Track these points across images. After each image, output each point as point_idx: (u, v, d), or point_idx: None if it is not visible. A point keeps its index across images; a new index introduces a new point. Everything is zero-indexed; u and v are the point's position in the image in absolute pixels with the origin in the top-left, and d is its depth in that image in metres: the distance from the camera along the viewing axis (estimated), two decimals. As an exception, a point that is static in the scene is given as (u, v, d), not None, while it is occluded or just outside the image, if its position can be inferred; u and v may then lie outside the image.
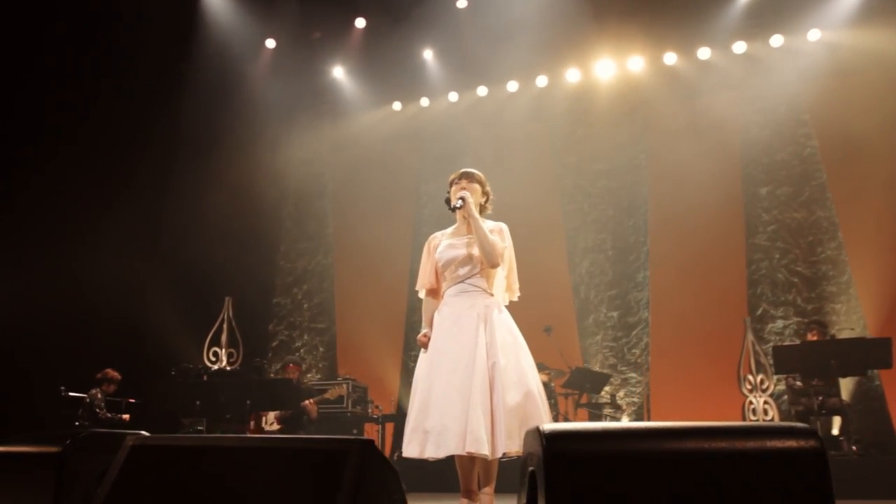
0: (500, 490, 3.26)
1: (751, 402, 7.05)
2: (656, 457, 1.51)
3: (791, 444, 1.50)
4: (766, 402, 7.05)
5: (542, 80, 9.29)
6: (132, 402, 7.33)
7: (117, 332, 8.01)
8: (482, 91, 9.58)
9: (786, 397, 7.60)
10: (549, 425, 1.63)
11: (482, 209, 3.41)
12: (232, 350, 8.12)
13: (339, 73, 9.76)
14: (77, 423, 6.81)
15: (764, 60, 8.49)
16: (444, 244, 3.39)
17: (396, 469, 1.64)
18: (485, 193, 3.45)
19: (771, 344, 7.81)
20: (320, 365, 9.64)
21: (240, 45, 8.94)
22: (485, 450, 2.93)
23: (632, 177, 8.98)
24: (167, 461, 1.83)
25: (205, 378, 6.88)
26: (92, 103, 8.51)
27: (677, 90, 8.78)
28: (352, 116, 9.95)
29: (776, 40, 8.33)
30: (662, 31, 8.62)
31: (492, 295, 3.31)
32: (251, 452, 1.72)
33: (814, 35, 8.13)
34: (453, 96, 9.65)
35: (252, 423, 6.25)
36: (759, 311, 8.06)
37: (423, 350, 3.31)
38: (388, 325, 9.37)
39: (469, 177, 3.42)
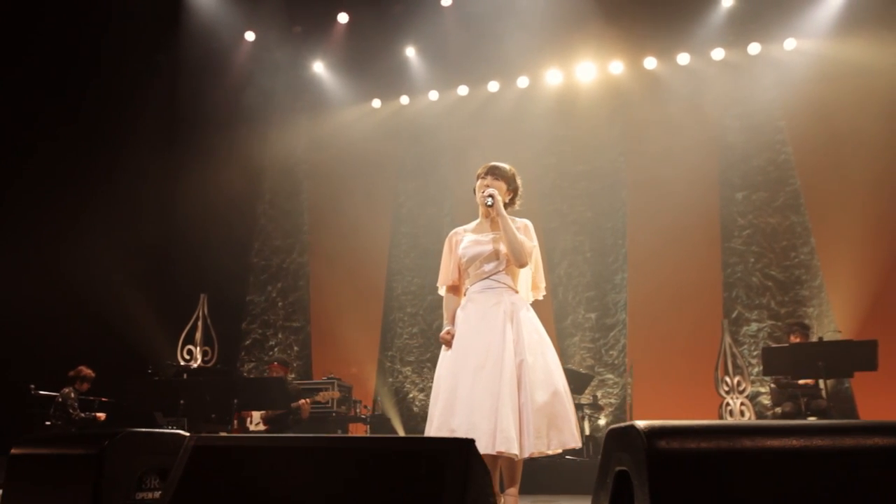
0: (522, 491, 3.22)
1: (727, 404, 7.15)
2: (761, 454, 1.49)
3: None
4: (742, 404, 7.15)
5: (523, 81, 9.29)
6: (105, 402, 7.09)
7: (89, 329, 7.75)
8: (463, 90, 9.54)
9: (760, 398, 7.76)
10: (643, 422, 1.59)
11: (509, 204, 3.35)
12: (206, 348, 7.91)
13: (319, 68, 9.62)
14: (48, 424, 6.54)
15: (742, 67, 8.65)
16: (467, 240, 3.32)
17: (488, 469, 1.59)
18: (512, 189, 3.39)
19: (745, 346, 7.96)
20: (295, 364, 9.47)
21: (219, 37, 8.75)
22: (514, 449, 2.88)
23: (611, 179, 9.04)
24: (233, 462, 1.75)
25: (185, 376, 6.69)
26: (71, 100, 8.26)
27: (657, 94, 8.88)
28: (330, 113, 9.81)
29: (754, 48, 8.49)
30: (643, 36, 8.71)
31: (517, 292, 3.26)
32: (333, 454, 1.64)
33: (790, 44, 8.32)
34: (434, 95, 9.58)
35: (236, 422, 6.10)
36: (734, 314, 8.18)
37: (444, 348, 3.24)
38: (364, 325, 9.28)
39: (494, 172, 3.36)
